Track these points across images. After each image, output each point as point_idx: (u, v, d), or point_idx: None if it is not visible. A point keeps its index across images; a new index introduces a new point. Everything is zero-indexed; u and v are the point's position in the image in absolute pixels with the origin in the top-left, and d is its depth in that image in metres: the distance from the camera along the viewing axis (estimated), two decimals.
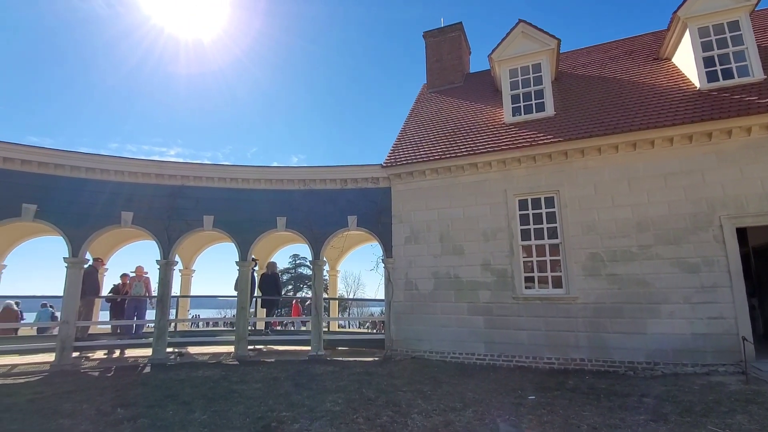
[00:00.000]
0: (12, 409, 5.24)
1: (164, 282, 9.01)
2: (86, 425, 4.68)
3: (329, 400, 5.56)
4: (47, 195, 8.44)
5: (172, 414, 5.04)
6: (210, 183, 9.46)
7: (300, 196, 9.60)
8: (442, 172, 9.07)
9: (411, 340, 8.73)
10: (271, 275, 11.49)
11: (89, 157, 8.82)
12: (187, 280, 12.45)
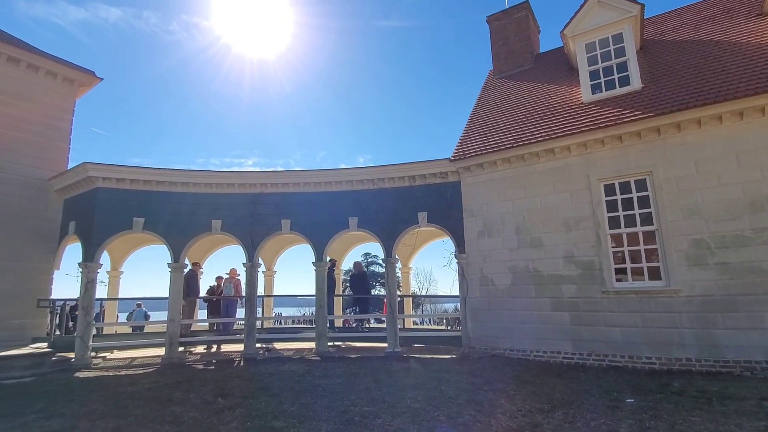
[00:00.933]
0: (135, 397, 5.99)
1: (251, 283, 9.71)
2: (194, 412, 5.18)
3: (409, 396, 5.57)
4: (152, 208, 9.52)
5: (264, 405, 5.40)
6: (285, 189, 9.98)
7: (370, 195, 9.75)
8: (515, 161, 8.62)
9: (489, 337, 8.44)
10: (359, 274, 11.93)
11: (183, 173, 9.79)
12: (270, 280, 13.31)
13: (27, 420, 4.97)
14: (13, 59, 9.90)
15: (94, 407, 5.48)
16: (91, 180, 9.27)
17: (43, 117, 10.30)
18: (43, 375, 7.55)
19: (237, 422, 4.75)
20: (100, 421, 4.88)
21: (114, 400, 5.83)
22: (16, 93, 9.89)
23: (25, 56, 10.05)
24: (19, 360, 7.73)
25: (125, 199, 9.42)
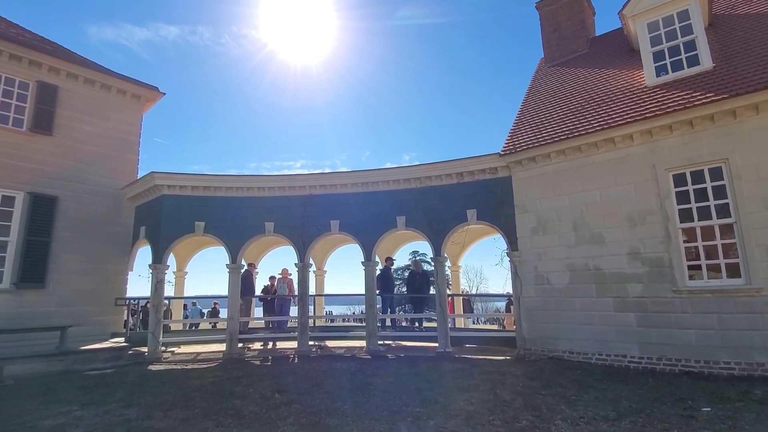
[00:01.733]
0: (200, 390, 6.37)
1: (302, 282, 10.01)
2: (253, 407, 5.41)
3: (462, 398, 5.45)
4: (211, 212, 10.08)
5: (318, 402, 5.52)
6: (333, 190, 10.17)
7: (417, 193, 9.68)
8: (571, 152, 8.17)
9: (546, 338, 8.07)
10: (419, 273, 11.90)
11: (237, 178, 10.28)
12: (321, 280, 13.64)
13: (109, 408, 5.44)
14: (89, 80, 10.91)
15: (165, 398, 5.89)
16: (157, 188, 10.00)
17: (116, 132, 11.26)
18: (121, 367, 8.26)
19: (293, 418, 4.89)
20: (171, 412, 5.23)
21: (182, 392, 6.24)
22: (92, 111, 10.90)
23: (98, 77, 11.04)
24: (101, 353, 8.52)
25: (188, 204, 10.05)
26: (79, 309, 9.68)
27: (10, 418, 5.06)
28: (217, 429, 4.60)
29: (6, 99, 9.64)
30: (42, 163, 9.83)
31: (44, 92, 10.11)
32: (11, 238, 9.20)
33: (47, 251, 9.57)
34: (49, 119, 10.08)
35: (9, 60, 9.69)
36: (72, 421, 4.91)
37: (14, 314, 8.84)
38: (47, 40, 11.19)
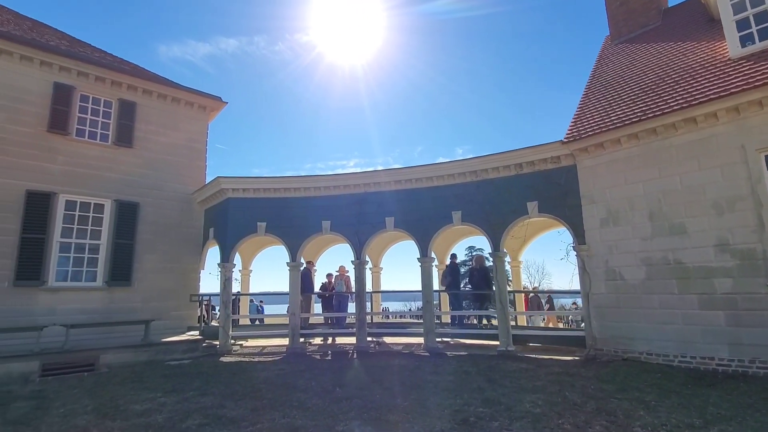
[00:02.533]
0: (267, 382, 6.68)
1: (359, 279, 10.14)
2: (316, 400, 5.57)
3: (527, 400, 5.20)
4: (272, 213, 10.54)
5: (378, 398, 5.55)
6: (387, 187, 10.18)
7: (473, 187, 9.41)
8: (644, 135, 7.47)
9: (620, 338, 7.48)
10: (480, 269, 11.67)
11: (295, 179, 10.63)
12: (377, 276, 13.75)
13: (187, 396, 5.87)
14: (162, 95, 11.86)
15: (236, 389, 6.24)
16: (223, 192, 10.65)
17: (186, 141, 12.15)
18: (197, 358, 8.91)
19: (354, 412, 4.95)
20: (242, 402, 5.53)
21: (251, 383, 6.58)
22: (165, 123, 11.84)
23: (169, 91, 11.97)
24: (180, 345, 9.25)
25: (250, 206, 10.59)
26: (159, 304, 10.61)
27: (107, 402, 5.63)
28: (284, 420, 4.78)
29: (94, 117, 10.75)
30: (125, 173, 10.86)
31: (125, 109, 11.15)
32: (102, 241, 10.27)
33: (132, 253, 10.56)
34: (129, 133, 11.10)
35: (95, 81, 10.80)
36: (156, 407, 5.36)
37: (106, 309, 9.89)
38: (125, 61, 12.33)
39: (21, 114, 9.70)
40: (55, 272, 9.54)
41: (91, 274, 10.03)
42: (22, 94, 9.79)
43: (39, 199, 9.52)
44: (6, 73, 9.69)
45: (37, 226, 9.39)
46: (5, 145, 9.38)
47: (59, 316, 9.07)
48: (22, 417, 5.07)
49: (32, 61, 9.98)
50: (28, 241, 9.25)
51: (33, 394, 6.10)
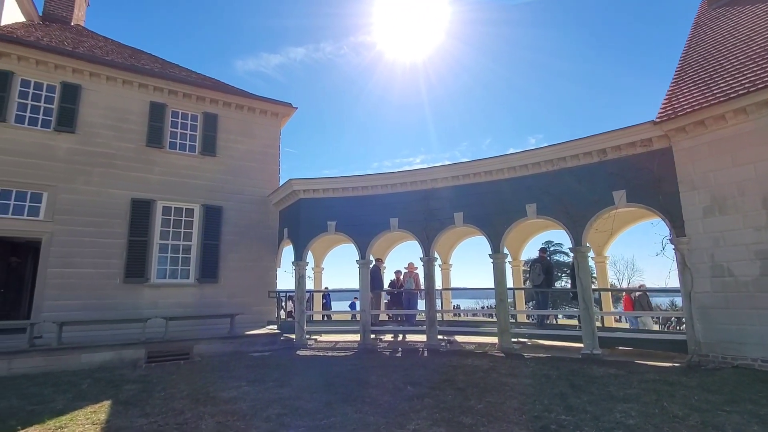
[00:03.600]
0: (340, 376, 6.84)
1: (428, 276, 10.00)
2: (387, 397, 5.56)
3: (618, 409, 4.70)
4: (341, 212, 10.80)
5: (451, 398, 5.38)
6: (455, 181, 9.91)
7: (549, 178, 8.79)
8: (755, 109, 6.40)
9: (729, 343, 6.49)
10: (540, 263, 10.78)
11: (362, 177, 10.77)
12: (447, 273, 13.49)
13: (268, 386, 6.21)
14: (239, 106, 12.76)
15: (311, 382, 6.47)
16: (295, 193, 11.15)
17: (261, 147, 12.94)
18: (276, 351, 9.43)
19: (426, 412, 4.85)
20: (316, 395, 5.71)
21: (325, 377, 6.78)
22: (243, 132, 12.72)
23: (246, 102, 12.83)
24: (260, 338, 9.88)
25: (321, 206, 10.97)
26: (242, 300, 11.44)
27: (200, 388, 6.15)
28: (356, 415, 4.83)
29: (183, 130, 11.88)
30: (210, 180, 11.86)
31: (208, 121, 12.17)
32: (193, 242, 11.32)
33: (218, 252, 11.51)
34: (213, 143, 12.10)
35: (183, 98, 11.92)
36: (241, 395, 5.73)
37: (198, 304, 10.89)
38: (207, 77, 13.44)
39: (125, 132, 11.02)
40: (156, 270, 10.72)
41: (185, 272, 11.11)
42: (125, 114, 11.12)
43: (141, 206, 10.75)
44: (113, 97, 11.06)
45: (140, 230, 10.61)
46: (114, 159, 10.72)
47: (160, 309, 10.20)
48: (131, 398, 5.71)
49: (132, 85, 11.30)
50: (134, 244, 10.49)
51: (140, 378, 6.86)
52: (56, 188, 9.97)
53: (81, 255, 9.92)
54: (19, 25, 11.31)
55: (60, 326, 7.97)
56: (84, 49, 11.37)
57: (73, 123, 10.40)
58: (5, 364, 7.23)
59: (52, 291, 9.51)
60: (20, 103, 10.02)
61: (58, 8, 13.59)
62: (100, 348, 8.10)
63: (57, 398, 5.73)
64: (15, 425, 4.63)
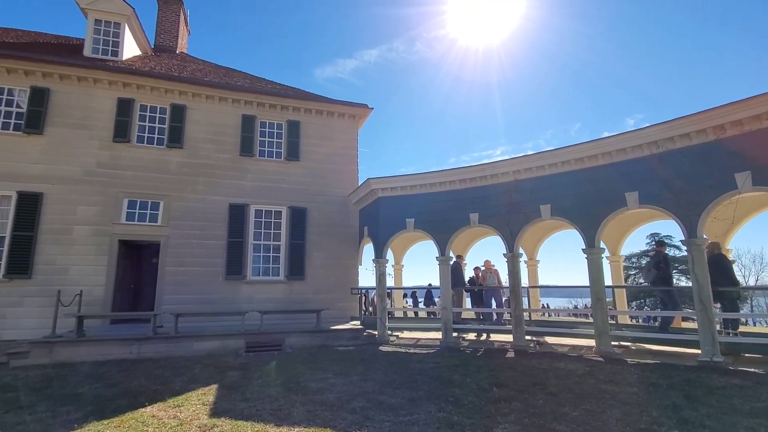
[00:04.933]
0: (422, 374, 6.79)
1: (513, 273, 9.50)
2: (472, 397, 5.38)
3: (743, 425, 3.99)
4: (419, 209, 10.74)
5: (542, 403, 5.03)
6: (541, 172, 9.27)
7: (653, 162, 7.78)
8: None
9: None
10: (716, 257, 8.26)
11: (439, 173, 10.58)
12: (533, 270, 12.71)
13: (352, 380, 6.40)
14: (319, 111, 13.38)
15: (394, 377, 6.52)
16: (373, 192, 11.36)
17: (340, 149, 13.43)
18: (359, 346, 9.70)
19: (514, 415, 4.59)
20: (399, 391, 5.73)
21: (407, 374, 6.78)
22: (323, 135, 13.31)
23: (325, 107, 13.41)
24: (345, 333, 10.24)
25: (399, 204, 11.03)
26: (326, 296, 12.00)
27: (291, 378, 6.56)
28: (440, 414, 4.74)
29: (270, 138, 12.81)
30: (295, 183, 12.62)
31: (292, 128, 12.96)
32: (282, 242, 12.14)
33: (303, 251, 12.21)
34: (296, 148, 12.86)
35: (269, 109, 12.85)
36: (328, 387, 5.98)
37: (288, 299, 11.68)
38: (290, 87, 14.31)
39: (222, 144, 12.20)
40: (251, 268, 11.71)
41: (276, 269, 11.98)
42: (221, 128, 12.31)
43: (237, 210, 11.82)
44: (211, 113, 12.32)
45: (237, 231, 11.68)
46: (214, 169, 11.93)
47: (255, 303, 11.14)
48: (233, 383, 6.29)
49: (227, 101, 12.46)
50: (233, 244, 11.57)
51: (240, 366, 7.53)
52: (170, 197, 11.40)
53: (191, 255, 11.22)
54: (136, 58, 13.14)
55: (176, 317, 9.08)
56: (187, 73, 12.83)
57: (181, 139, 11.80)
58: (136, 348, 8.44)
59: (169, 287, 10.91)
60: (140, 125, 11.64)
61: (165, 40, 15.53)
62: (208, 337, 9.06)
63: (175, 380, 6.51)
64: (143, 402, 5.35)
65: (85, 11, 12.17)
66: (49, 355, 7.89)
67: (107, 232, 10.71)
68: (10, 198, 10.19)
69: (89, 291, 10.03)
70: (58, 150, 10.74)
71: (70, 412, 4.94)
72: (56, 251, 10.23)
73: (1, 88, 10.74)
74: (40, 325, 9.35)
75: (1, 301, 9.68)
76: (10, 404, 5.20)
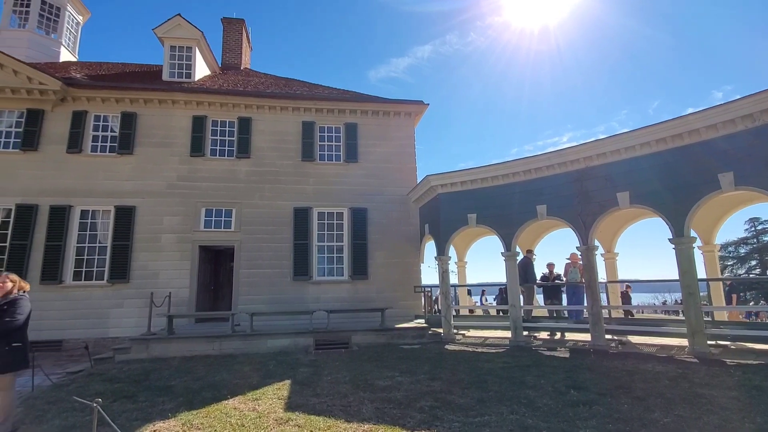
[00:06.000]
0: (491, 374, 6.56)
1: (589, 267, 8.85)
2: (547, 399, 5.08)
3: None
4: (481, 204, 10.42)
5: (627, 408, 4.62)
6: (616, 156, 8.52)
7: (749, 137, 6.83)
8: None
9: None
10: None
11: (502, 165, 10.13)
12: (611, 264, 11.76)
13: (419, 378, 6.35)
14: (375, 112, 13.51)
15: (461, 377, 6.37)
16: (433, 189, 11.22)
17: (398, 147, 13.46)
18: (424, 344, 9.62)
19: (596, 420, 4.26)
20: (468, 391, 5.59)
21: (475, 373, 6.59)
22: (380, 135, 13.43)
23: (380, 107, 13.51)
24: (409, 331, 10.22)
25: (459, 199, 10.78)
26: (389, 295, 12.07)
27: (358, 375, 6.68)
28: (512, 416, 4.54)
29: (329, 142, 13.19)
30: (354, 185, 12.86)
31: (349, 130, 13.24)
32: (344, 242, 12.44)
33: (365, 251, 12.40)
34: (354, 150, 13.10)
35: (327, 114, 13.23)
36: (395, 385, 5.99)
37: (352, 298, 11.93)
38: (346, 90, 14.63)
39: (285, 151, 12.79)
40: (317, 269, 12.13)
41: (339, 269, 12.30)
42: (284, 136, 12.91)
43: (301, 213, 12.32)
44: (275, 123, 12.97)
45: (302, 234, 12.17)
46: (278, 176, 12.55)
47: (321, 303, 11.53)
48: (305, 379, 6.54)
49: (287, 110, 13.05)
50: (298, 246, 12.08)
51: (310, 363, 7.82)
52: (241, 204, 12.18)
53: (261, 258, 11.90)
54: (207, 78, 14.23)
55: (251, 316, 9.67)
56: (251, 88, 13.63)
57: (248, 149, 12.56)
58: (217, 345, 9.12)
59: (244, 288, 11.66)
60: (212, 139, 12.58)
61: (230, 57, 16.64)
62: (280, 335, 9.54)
63: (252, 375, 6.92)
64: (226, 394, 5.75)
65: (162, 39, 13.42)
66: (146, 351, 8.79)
67: (189, 239, 11.72)
68: (110, 212, 11.54)
69: (176, 293, 11.04)
70: (146, 167, 11.95)
71: (164, 402, 5.44)
72: (148, 257, 11.39)
73: (98, 115, 12.20)
74: (137, 324, 10.51)
75: (107, 303, 11.00)
76: (117, 394, 5.86)
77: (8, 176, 11.27)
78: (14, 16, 14.99)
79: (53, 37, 15.44)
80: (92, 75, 13.43)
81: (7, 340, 4.42)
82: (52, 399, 5.74)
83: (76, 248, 11.25)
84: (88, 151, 11.87)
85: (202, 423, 4.61)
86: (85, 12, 16.78)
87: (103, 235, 11.47)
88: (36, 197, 11.26)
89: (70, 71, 13.46)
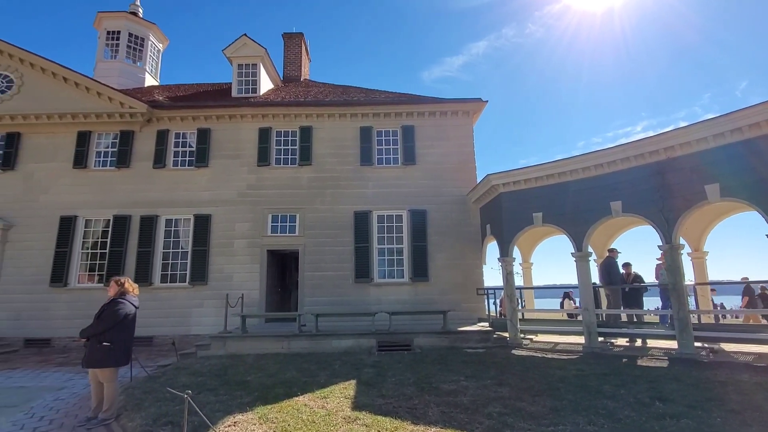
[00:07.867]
0: (564, 381, 6.20)
1: (673, 268, 8.05)
2: (629, 411, 4.70)
3: None
4: (547, 202, 9.92)
5: (720, 422, 4.14)
6: (703, 145, 7.70)
7: None
8: None
9: None
10: None
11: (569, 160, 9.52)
12: (700, 263, 10.59)
13: (485, 383, 6.18)
14: (431, 113, 13.45)
15: (531, 384, 6.09)
16: (494, 188, 10.89)
17: (456, 147, 13.26)
18: (489, 348, 9.33)
19: None
20: (539, 398, 5.33)
21: (546, 380, 6.27)
22: (437, 136, 13.33)
23: (437, 108, 13.42)
24: (473, 335, 9.97)
25: (523, 198, 10.35)
26: (451, 297, 11.88)
27: (423, 378, 6.64)
28: (589, 427, 4.26)
29: (387, 146, 13.34)
30: (413, 186, 12.88)
31: (406, 133, 13.30)
32: (404, 245, 12.49)
33: (425, 253, 12.33)
34: (412, 152, 13.12)
35: (384, 118, 13.41)
36: (461, 389, 5.88)
37: (413, 300, 11.92)
38: (402, 93, 14.70)
39: (344, 156, 13.15)
40: (377, 271, 12.29)
41: (400, 272, 12.36)
42: (342, 142, 13.29)
43: (362, 216, 12.57)
44: (334, 129, 13.41)
45: (362, 237, 12.41)
46: (338, 181, 12.93)
47: (383, 305, 11.66)
48: (370, 380, 6.63)
49: (345, 116, 13.42)
50: (359, 249, 12.33)
51: (374, 363, 7.92)
52: (304, 209, 12.72)
53: (324, 261, 12.32)
54: (270, 92, 15.06)
55: (316, 317, 10.03)
56: (311, 97, 14.22)
57: (309, 157, 13.09)
58: (286, 344, 9.57)
59: (308, 290, 12.14)
60: (276, 149, 13.29)
61: (291, 71, 17.49)
62: (344, 336, 9.78)
63: (320, 374, 7.17)
64: (296, 391, 6.01)
65: (230, 59, 14.45)
66: (223, 348, 9.47)
67: (258, 243, 12.46)
68: (190, 220, 12.63)
69: (248, 294, 11.78)
70: (219, 178, 12.93)
71: (242, 396, 5.82)
72: (222, 261, 12.29)
73: (178, 132, 13.42)
74: (214, 323, 11.37)
75: (189, 303, 12.03)
76: (201, 387, 6.37)
77: (107, 191, 12.80)
78: (107, 49, 17.00)
79: (138, 65, 17.27)
80: (172, 97, 14.81)
81: (98, 339, 5.03)
82: (147, 389, 6.38)
83: (162, 253, 12.45)
84: (171, 166, 13.11)
85: (276, 417, 4.85)
86: (165, 40, 18.59)
87: (184, 241, 12.58)
88: (129, 209, 12.65)
89: (153, 94, 14.97)
